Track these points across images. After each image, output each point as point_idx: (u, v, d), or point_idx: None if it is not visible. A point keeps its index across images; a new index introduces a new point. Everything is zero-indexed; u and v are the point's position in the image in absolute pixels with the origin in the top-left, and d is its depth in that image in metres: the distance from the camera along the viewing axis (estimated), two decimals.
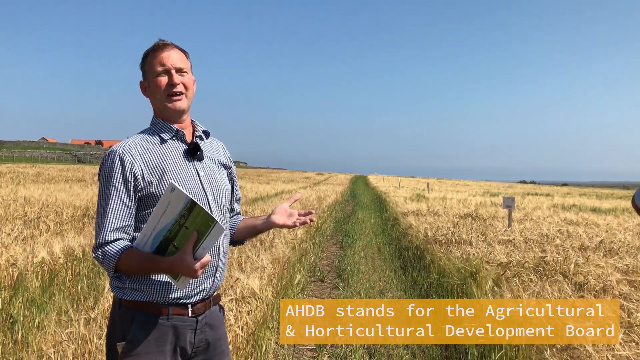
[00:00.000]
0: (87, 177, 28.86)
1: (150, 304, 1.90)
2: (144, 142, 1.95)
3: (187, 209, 1.71)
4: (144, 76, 2.02)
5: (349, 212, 17.65)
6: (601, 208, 18.45)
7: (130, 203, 1.87)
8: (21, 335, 3.97)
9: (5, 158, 75.36)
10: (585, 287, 4.96)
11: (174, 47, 2.00)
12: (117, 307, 1.93)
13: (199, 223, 1.71)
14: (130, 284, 1.90)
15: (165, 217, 1.74)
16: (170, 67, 1.96)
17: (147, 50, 2.01)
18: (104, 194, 1.87)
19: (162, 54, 1.97)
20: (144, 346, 1.87)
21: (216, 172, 2.09)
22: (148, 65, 1.99)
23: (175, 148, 1.99)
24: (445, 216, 12.31)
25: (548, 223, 10.97)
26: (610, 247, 7.26)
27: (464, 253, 6.77)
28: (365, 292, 6.36)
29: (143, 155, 1.91)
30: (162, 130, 2.00)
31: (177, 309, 1.93)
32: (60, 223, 8.74)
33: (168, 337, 1.91)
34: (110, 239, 1.83)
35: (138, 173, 1.88)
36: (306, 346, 4.63)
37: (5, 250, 5.70)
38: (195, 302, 1.98)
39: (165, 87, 1.96)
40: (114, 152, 1.89)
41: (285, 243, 7.63)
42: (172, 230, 1.75)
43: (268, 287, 4.98)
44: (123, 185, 1.86)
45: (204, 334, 2.00)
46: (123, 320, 1.90)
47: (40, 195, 13.79)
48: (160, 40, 2.00)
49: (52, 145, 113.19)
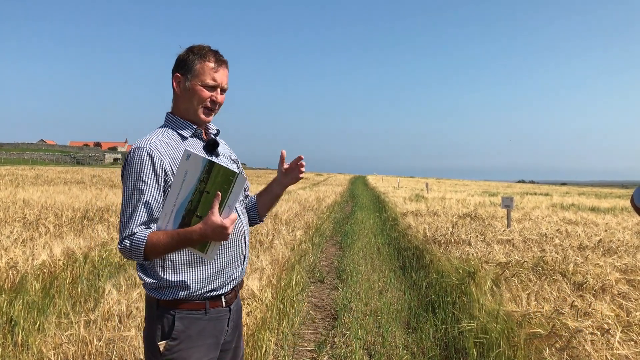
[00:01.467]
0: (85, 179, 28.85)
1: (188, 301, 1.97)
2: (167, 139, 2.01)
3: (205, 171, 1.74)
4: (184, 73, 2.03)
5: (348, 212, 17.66)
6: (600, 207, 18.46)
7: (160, 198, 1.91)
8: (21, 338, 3.97)
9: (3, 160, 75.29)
10: (584, 287, 4.97)
11: (227, 67, 2.09)
12: (155, 308, 1.98)
13: (220, 182, 1.74)
14: (167, 274, 1.94)
15: (185, 188, 1.76)
16: (220, 85, 2.05)
17: (197, 51, 2.03)
18: (133, 190, 1.89)
19: (219, 69, 2.04)
20: (186, 342, 1.95)
21: (231, 167, 2.17)
22: (198, 69, 2.01)
23: (195, 145, 2.06)
24: (444, 216, 12.31)
25: (547, 222, 10.98)
26: (609, 246, 7.27)
27: (463, 253, 6.78)
28: (365, 292, 6.37)
29: (168, 151, 1.96)
30: (182, 128, 2.06)
31: (213, 302, 2.02)
32: (59, 225, 8.73)
33: (208, 330, 2.01)
34: (137, 231, 1.86)
35: (168, 169, 1.93)
36: (306, 347, 4.64)
37: (5, 253, 5.71)
38: (228, 292, 2.08)
39: (207, 101, 2.04)
40: (141, 149, 1.93)
41: (285, 244, 7.64)
42: (192, 201, 1.77)
43: (267, 288, 4.99)
44: (154, 180, 1.90)
45: (234, 321, 2.15)
46: (162, 320, 1.96)
47: (39, 197, 13.80)
48: (218, 53, 2.06)
49: (50, 147, 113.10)
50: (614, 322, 3.75)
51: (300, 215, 12.18)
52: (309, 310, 5.76)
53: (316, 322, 5.36)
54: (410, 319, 5.40)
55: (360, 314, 5.48)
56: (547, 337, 3.68)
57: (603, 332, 3.57)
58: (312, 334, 5.01)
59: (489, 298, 4.75)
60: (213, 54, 2.04)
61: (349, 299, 6.04)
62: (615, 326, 3.68)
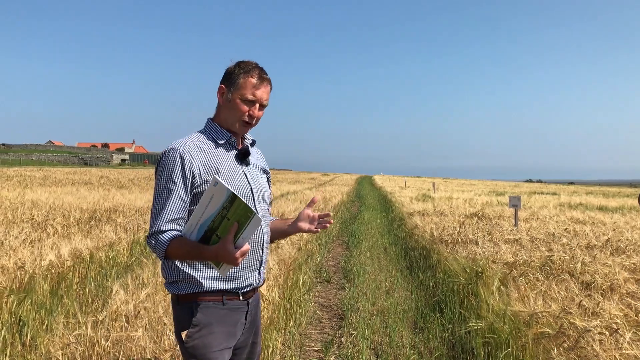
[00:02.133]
0: (93, 180, 28.97)
1: (204, 293, 2.07)
2: (201, 143, 2.12)
3: (228, 201, 1.84)
4: (228, 85, 2.16)
5: (355, 212, 17.65)
6: (608, 206, 18.37)
7: (187, 198, 2.04)
8: (30, 338, 3.99)
9: (12, 161, 75.75)
10: (592, 286, 4.94)
11: (269, 84, 2.19)
12: (176, 304, 2.11)
13: (239, 214, 1.85)
14: (185, 267, 2.06)
15: (209, 209, 1.87)
16: (259, 101, 2.15)
17: (244, 66, 2.14)
18: (164, 189, 2.03)
19: (261, 87, 2.14)
20: (206, 328, 2.06)
21: (259, 176, 2.28)
22: (241, 83, 2.13)
23: (227, 152, 2.18)
24: (451, 216, 12.28)
25: (554, 222, 10.92)
26: (618, 245, 7.22)
27: (470, 253, 6.76)
28: (372, 292, 6.36)
29: (200, 155, 2.08)
30: (218, 136, 2.17)
31: (230, 296, 2.12)
32: (67, 226, 8.77)
33: (226, 319, 2.11)
34: (164, 229, 2.00)
35: (196, 171, 2.05)
36: (313, 347, 4.64)
37: (14, 253, 5.74)
38: (246, 292, 2.18)
39: (245, 115, 2.15)
40: (174, 150, 2.06)
41: (291, 244, 7.64)
42: (215, 221, 1.88)
43: (275, 288, 5.00)
44: (182, 181, 2.03)
45: (252, 315, 2.23)
46: (184, 314, 2.08)
47: (48, 198, 13.86)
48: (262, 71, 2.16)
49: (58, 149, 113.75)
50: (622, 322, 3.73)
51: None
52: (316, 310, 5.76)
53: (323, 322, 5.36)
54: (417, 318, 5.38)
55: (367, 314, 5.47)
56: (555, 337, 3.66)
57: (612, 332, 3.55)
58: (319, 333, 5.01)
59: (497, 298, 4.73)
60: (258, 71, 2.15)
61: (355, 299, 6.04)
62: (624, 326, 3.66)
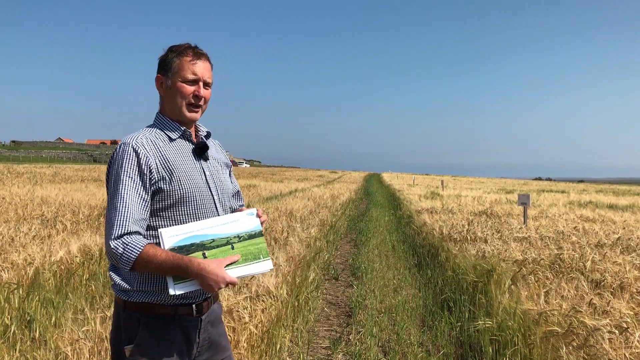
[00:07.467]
0: (102, 176, 29.11)
1: (155, 305, 1.89)
2: (154, 137, 1.95)
3: (249, 235, 1.74)
4: (164, 73, 2.00)
5: (363, 210, 17.62)
6: (618, 205, 18.23)
7: (147, 196, 1.85)
8: (39, 334, 4.01)
9: (22, 158, 76.28)
10: (602, 285, 4.90)
11: (207, 59, 2.02)
12: (122, 311, 1.92)
13: (249, 251, 1.74)
14: (138, 286, 1.88)
15: (223, 229, 1.75)
16: (201, 78, 1.98)
17: (176, 49, 1.99)
18: (119, 186, 1.82)
19: (197, 62, 1.98)
20: (152, 348, 1.88)
21: (220, 172, 2.12)
22: (177, 66, 1.97)
23: (183, 147, 2.00)
24: (460, 214, 12.23)
25: (564, 220, 10.85)
26: (628, 244, 7.16)
27: (479, 250, 6.73)
28: (380, 290, 6.35)
29: (154, 150, 1.90)
30: (170, 129, 2.00)
31: (182, 309, 1.93)
32: (76, 222, 8.82)
33: (175, 337, 1.92)
34: (132, 230, 1.77)
35: (153, 167, 1.87)
36: (320, 344, 4.64)
37: (23, 250, 5.77)
38: (199, 302, 1.98)
39: (189, 96, 1.98)
40: (126, 145, 1.87)
41: (300, 241, 7.64)
42: (215, 241, 1.75)
43: (283, 285, 4.99)
44: (139, 177, 1.84)
45: (207, 333, 2.03)
46: (129, 323, 1.90)
47: (57, 195, 13.95)
48: (196, 48, 2.00)
49: (68, 146, 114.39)
50: (632, 321, 3.69)
51: (314, 213, 12.18)
52: (324, 307, 5.76)
53: (331, 320, 5.35)
54: (425, 316, 5.37)
55: (375, 312, 5.46)
56: (564, 335, 3.63)
57: (621, 331, 3.52)
58: (327, 331, 5.01)
59: (507, 296, 4.70)
60: (191, 49, 1.99)
61: (363, 297, 6.02)
62: (634, 325, 3.63)
